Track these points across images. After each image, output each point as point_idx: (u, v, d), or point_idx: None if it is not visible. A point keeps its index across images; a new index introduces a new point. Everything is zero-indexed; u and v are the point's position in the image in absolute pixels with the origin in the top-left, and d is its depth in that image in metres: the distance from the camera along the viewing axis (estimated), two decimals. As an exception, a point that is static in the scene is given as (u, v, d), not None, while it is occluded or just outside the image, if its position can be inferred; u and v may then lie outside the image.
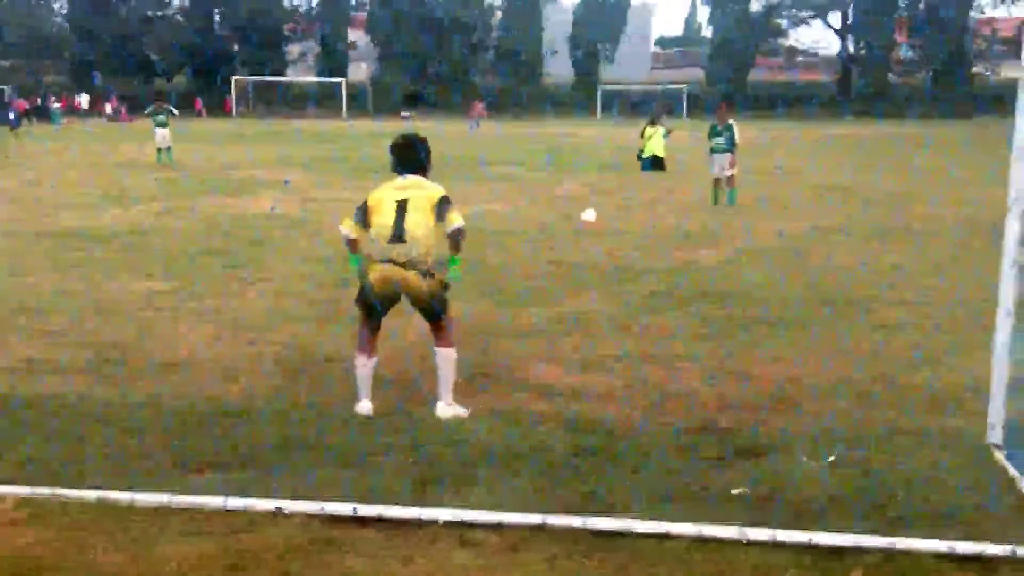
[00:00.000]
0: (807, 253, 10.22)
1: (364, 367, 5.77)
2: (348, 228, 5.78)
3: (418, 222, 5.54)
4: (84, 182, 17.24)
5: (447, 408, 5.67)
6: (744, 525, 4.12)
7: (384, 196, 5.70)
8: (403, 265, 5.51)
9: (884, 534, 4.04)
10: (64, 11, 75.10)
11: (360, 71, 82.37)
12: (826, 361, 6.51)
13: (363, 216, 5.74)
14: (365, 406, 5.73)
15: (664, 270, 9.84)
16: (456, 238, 5.65)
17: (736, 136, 16.14)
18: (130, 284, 9.31)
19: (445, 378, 5.70)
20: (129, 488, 4.47)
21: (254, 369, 6.58)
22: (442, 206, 5.59)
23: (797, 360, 6.62)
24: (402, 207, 5.57)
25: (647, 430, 5.21)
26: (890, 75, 69.61)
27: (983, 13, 74.00)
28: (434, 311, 5.65)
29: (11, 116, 43.54)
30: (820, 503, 4.31)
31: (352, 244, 5.82)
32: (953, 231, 9.61)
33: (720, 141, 16.12)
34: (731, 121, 16.42)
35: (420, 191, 5.65)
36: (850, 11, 75.09)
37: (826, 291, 8.62)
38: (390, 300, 5.71)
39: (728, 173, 16.00)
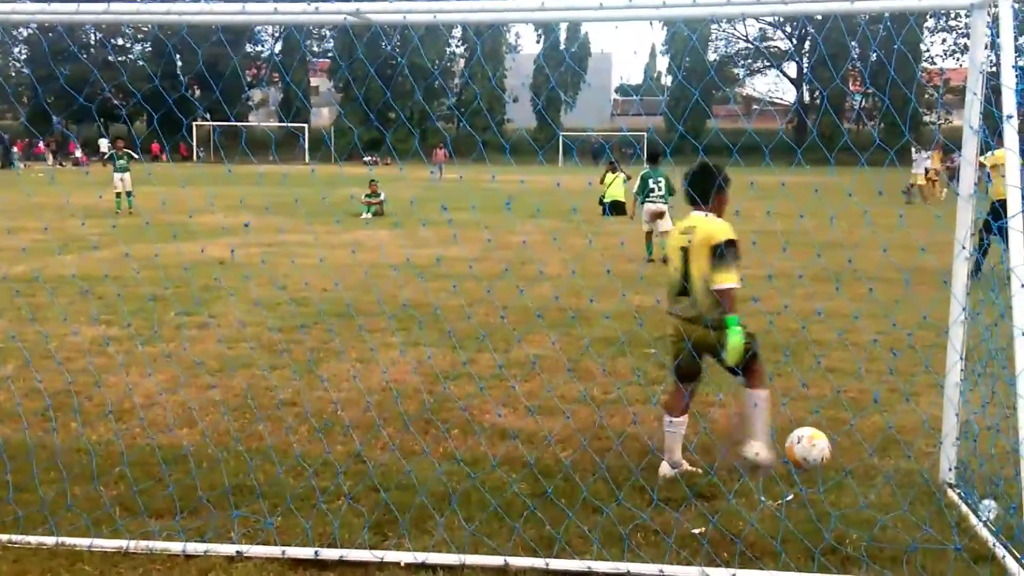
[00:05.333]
0: (763, 298, 10.35)
1: (668, 425, 5.45)
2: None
3: (699, 274, 5.17)
4: (42, 228, 17.06)
5: (750, 448, 5.34)
6: (704, 565, 4.18)
7: (674, 237, 5.42)
8: (689, 320, 5.25)
9: (840, 572, 4.11)
10: (24, 56, 74.99)
11: (322, 116, 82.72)
12: (781, 405, 6.59)
13: None
14: (664, 468, 5.44)
15: (622, 314, 9.93)
16: (720, 298, 5.07)
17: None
18: (85, 330, 9.20)
19: (750, 418, 5.36)
20: (86, 534, 4.42)
21: (211, 414, 6.53)
22: (716, 256, 5.06)
23: (753, 403, 6.68)
24: (685, 255, 5.25)
25: (605, 473, 5.24)
26: (843, 123, 71.20)
27: (933, 64, 76.49)
28: (732, 366, 5.18)
29: None
30: (777, 543, 4.36)
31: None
32: (903, 276, 9.79)
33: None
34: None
35: (698, 234, 5.21)
36: (804, 61, 77.17)
37: (781, 336, 8.74)
38: (689, 357, 5.29)
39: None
